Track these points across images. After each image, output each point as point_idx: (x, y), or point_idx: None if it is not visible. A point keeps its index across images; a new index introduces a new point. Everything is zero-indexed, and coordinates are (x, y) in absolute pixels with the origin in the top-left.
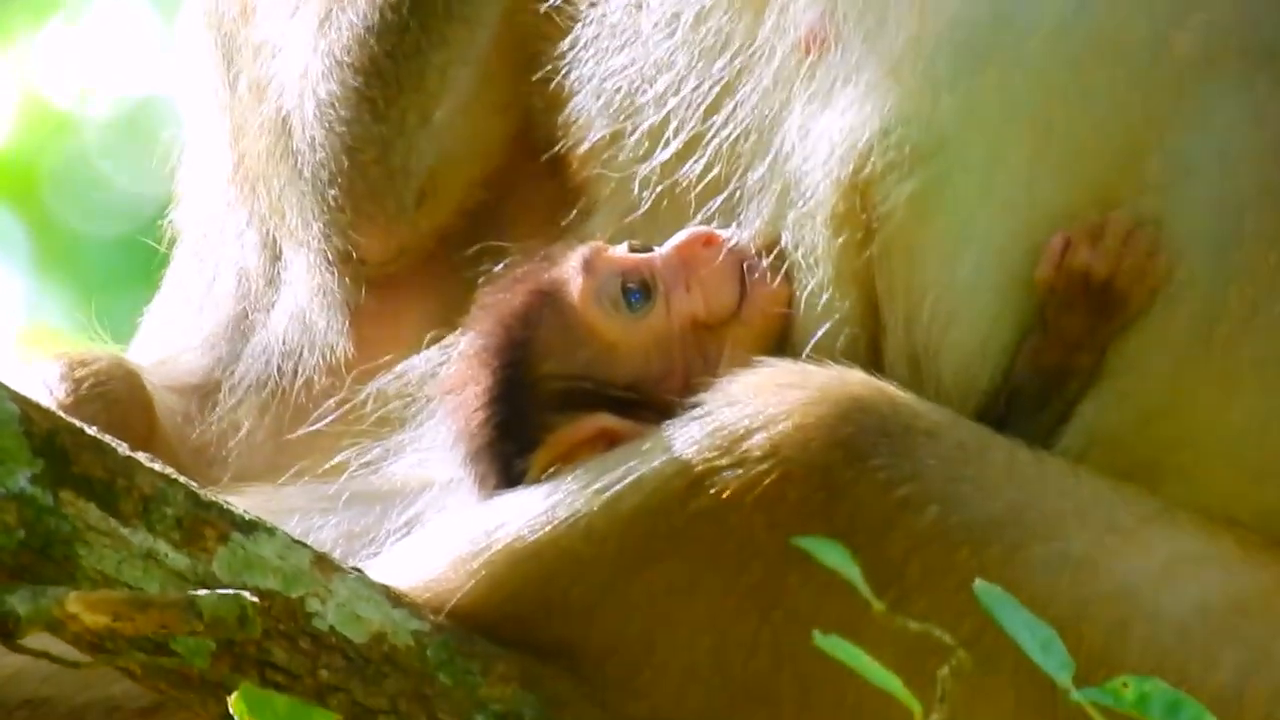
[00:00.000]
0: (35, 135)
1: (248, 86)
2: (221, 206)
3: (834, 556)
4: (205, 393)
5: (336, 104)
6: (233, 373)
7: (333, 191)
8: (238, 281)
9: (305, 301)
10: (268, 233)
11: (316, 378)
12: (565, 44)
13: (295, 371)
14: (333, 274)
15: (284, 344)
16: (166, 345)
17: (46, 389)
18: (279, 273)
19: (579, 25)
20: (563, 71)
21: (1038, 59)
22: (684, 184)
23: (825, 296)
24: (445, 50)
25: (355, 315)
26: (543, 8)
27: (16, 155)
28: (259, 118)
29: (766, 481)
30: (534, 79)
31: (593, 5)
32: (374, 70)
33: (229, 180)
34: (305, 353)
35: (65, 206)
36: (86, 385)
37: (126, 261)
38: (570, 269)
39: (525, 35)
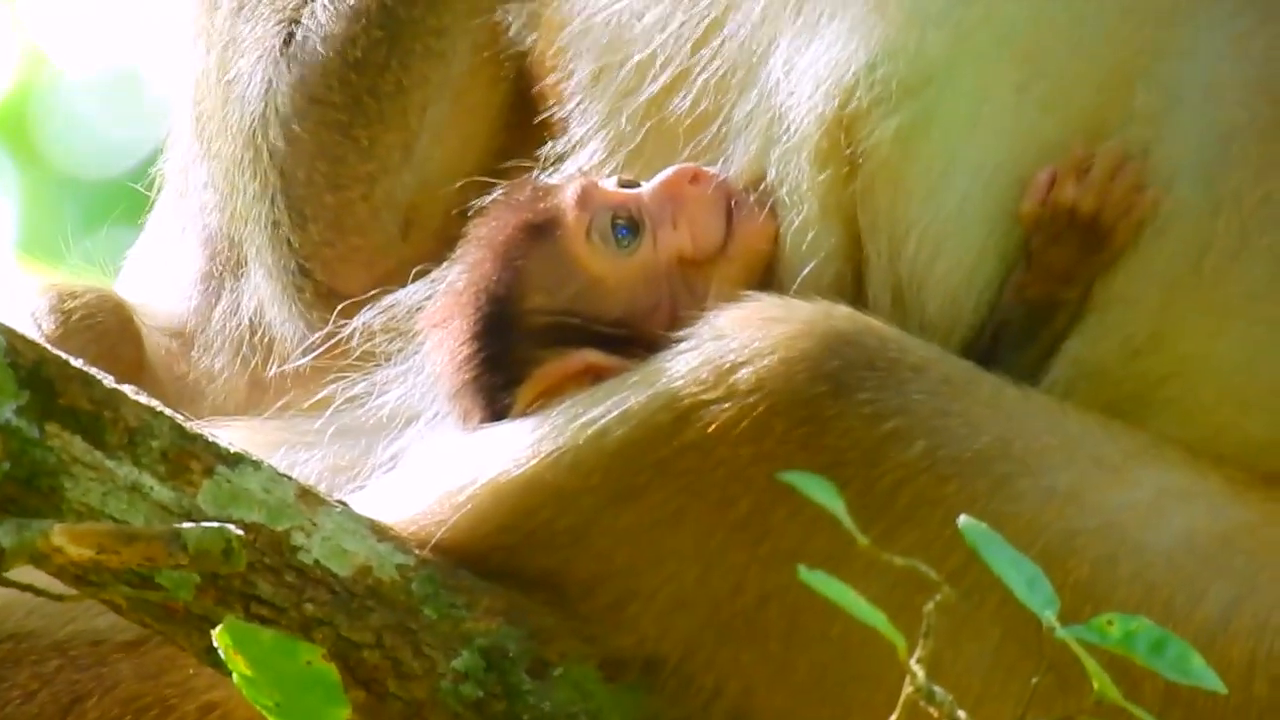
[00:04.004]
0: (28, 80)
1: (214, 64)
2: (189, 158)
3: (820, 491)
4: (184, 337)
5: (319, 142)
6: (206, 326)
7: (315, 226)
8: (204, 236)
9: (270, 308)
10: (226, 209)
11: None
12: None
13: (266, 341)
14: (304, 304)
15: (253, 319)
16: (147, 286)
17: (35, 321)
18: (242, 250)
19: None
20: (553, 5)
21: None
22: (671, 118)
23: (811, 232)
24: (424, 88)
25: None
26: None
27: (10, 99)
28: (223, 110)
29: (753, 415)
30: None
31: None
32: (357, 108)
33: (192, 134)
34: (275, 333)
35: (57, 149)
36: (76, 317)
37: (117, 204)
38: (564, 203)
39: (498, 67)
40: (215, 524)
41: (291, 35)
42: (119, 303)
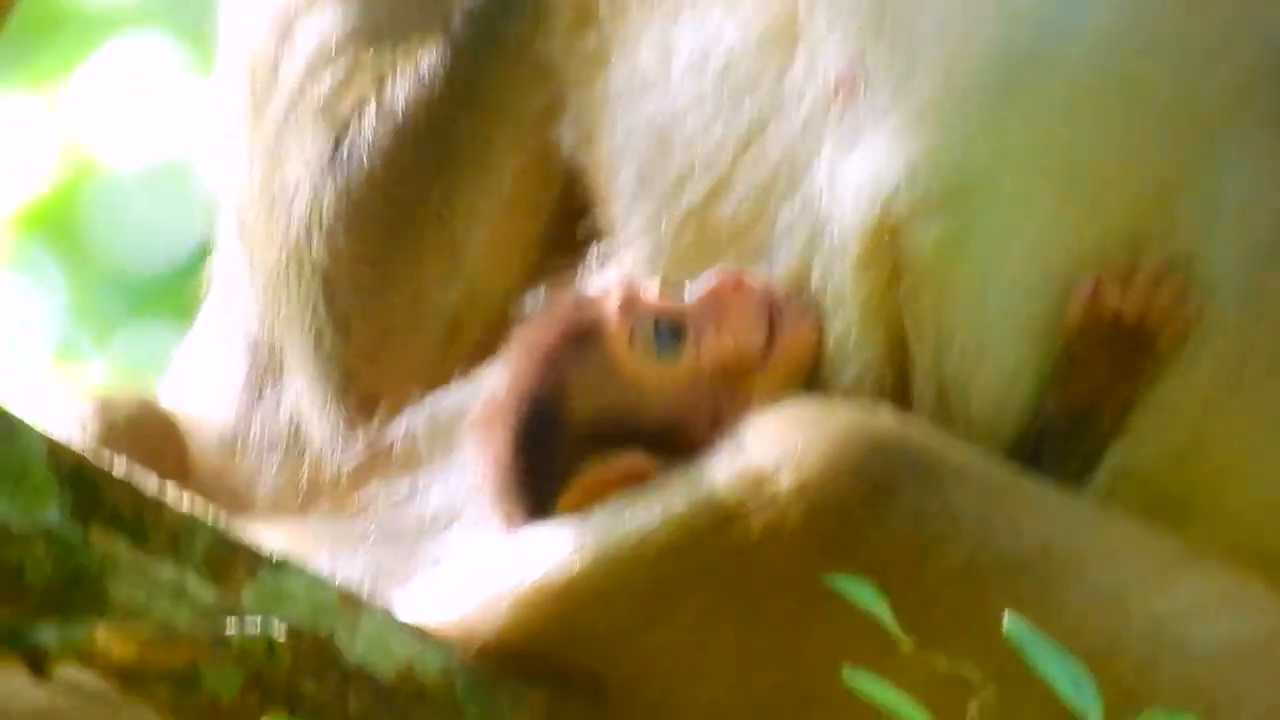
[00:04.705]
0: (71, 176)
1: (259, 173)
2: (233, 263)
3: (864, 595)
4: (228, 445)
5: (364, 254)
6: (249, 432)
7: (360, 337)
8: (248, 342)
9: (310, 417)
10: (268, 317)
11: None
12: (598, 86)
13: (303, 450)
14: (345, 415)
15: (294, 424)
16: (191, 393)
17: (80, 428)
18: (281, 354)
19: (610, 67)
20: (594, 110)
21: (1066, 102)
22: (714, 224)
23: (853, 337)
24: (472, 200)
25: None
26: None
27: (53, 195)
28: (267, 220)
29: (795, 520)
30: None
31: (622, 47)
32: (404, 220)
33: (236, 240)
34: (313, 440)
35: (102, 245)
36: (119, 428)
37: (163, 299)
38: (606, 310)
39: (546, 179)
40: (258, 625)
41: (338, 146)
42: (162, 413)
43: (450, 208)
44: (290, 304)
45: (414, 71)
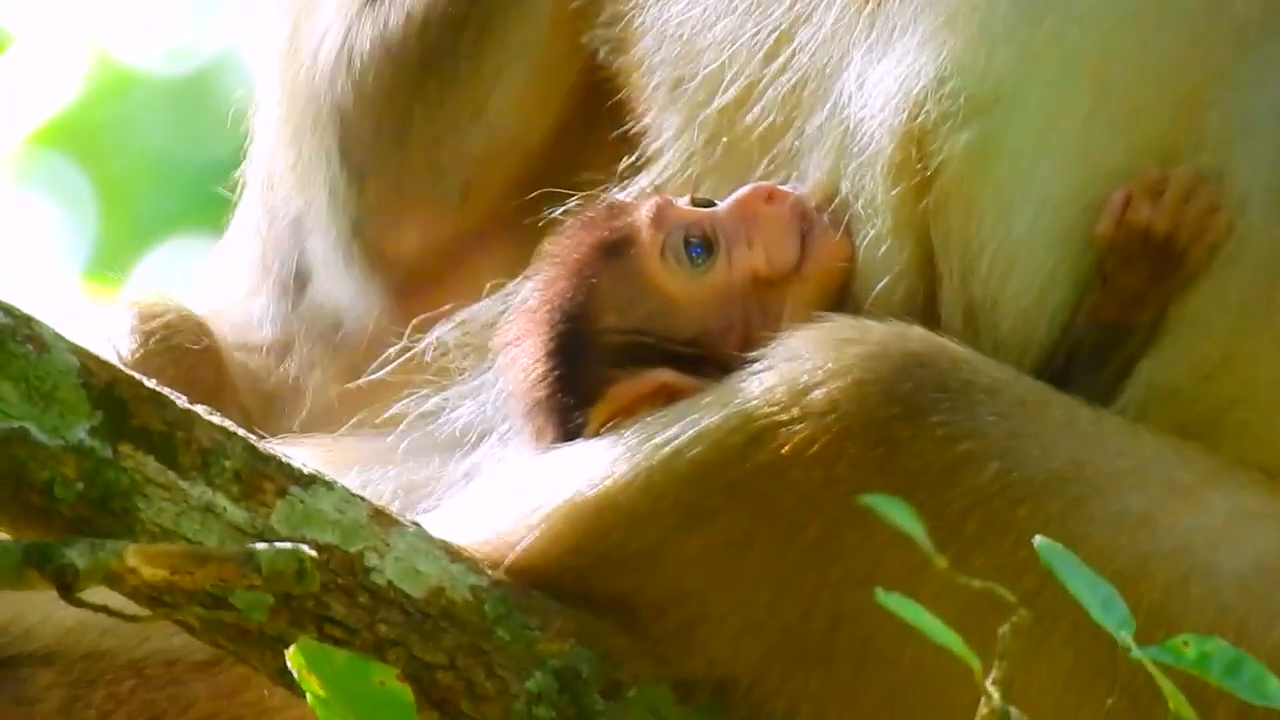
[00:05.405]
0: (98, 88)
1: (291, 29)
2: (275, 155)
3: (898, 513)
4: (265, 346)
5: (388, 97)
6: (289, 328)
7: (375, 185)
8: (291, 233)
9: (323, 272)
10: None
11: (367, 337)
12: None
13: (342, 335)
14: (356, 265)
15: (330, 307)
16: (228, 295)
17: (113, 341)
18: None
19: None
20: (626, 16)
21: (1095, 12)
22: (744, 131)
23: (884, 248)
24: (502, 49)
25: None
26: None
27: (79, 107)
28: (299, 76)
29: (826, 437)
30: (597, 26)
31: None
32: (432, 63)
33: (278, 128)
34: (347, 321)
35: (128, 158)
36: (155, 338)
37: (188, 212)
38: (638, 221)
39: (577, 37)
40: (289, 545)
41: None
42: (198, 322)
43: (480, 54)
44: (313, 152)
45: None
